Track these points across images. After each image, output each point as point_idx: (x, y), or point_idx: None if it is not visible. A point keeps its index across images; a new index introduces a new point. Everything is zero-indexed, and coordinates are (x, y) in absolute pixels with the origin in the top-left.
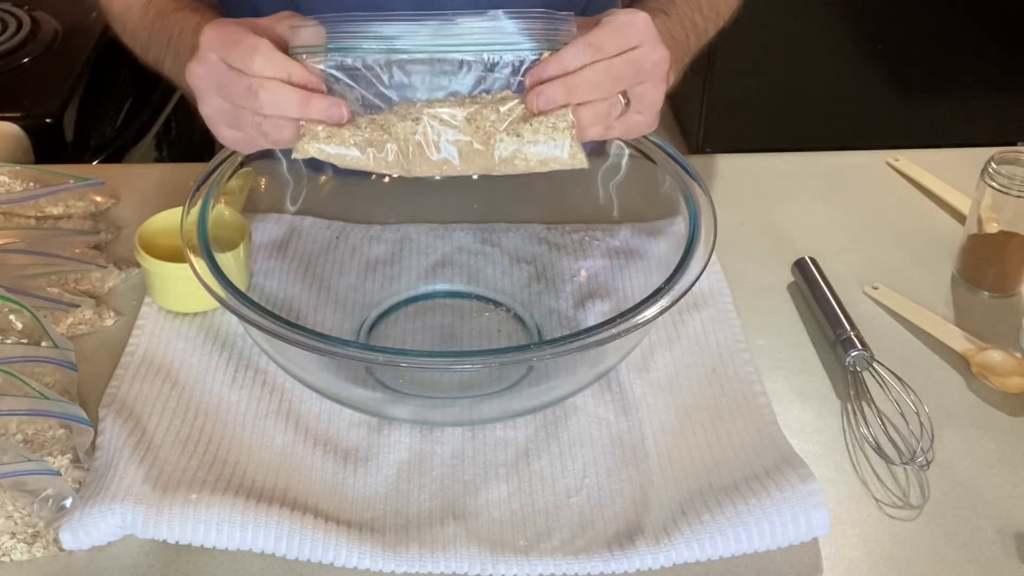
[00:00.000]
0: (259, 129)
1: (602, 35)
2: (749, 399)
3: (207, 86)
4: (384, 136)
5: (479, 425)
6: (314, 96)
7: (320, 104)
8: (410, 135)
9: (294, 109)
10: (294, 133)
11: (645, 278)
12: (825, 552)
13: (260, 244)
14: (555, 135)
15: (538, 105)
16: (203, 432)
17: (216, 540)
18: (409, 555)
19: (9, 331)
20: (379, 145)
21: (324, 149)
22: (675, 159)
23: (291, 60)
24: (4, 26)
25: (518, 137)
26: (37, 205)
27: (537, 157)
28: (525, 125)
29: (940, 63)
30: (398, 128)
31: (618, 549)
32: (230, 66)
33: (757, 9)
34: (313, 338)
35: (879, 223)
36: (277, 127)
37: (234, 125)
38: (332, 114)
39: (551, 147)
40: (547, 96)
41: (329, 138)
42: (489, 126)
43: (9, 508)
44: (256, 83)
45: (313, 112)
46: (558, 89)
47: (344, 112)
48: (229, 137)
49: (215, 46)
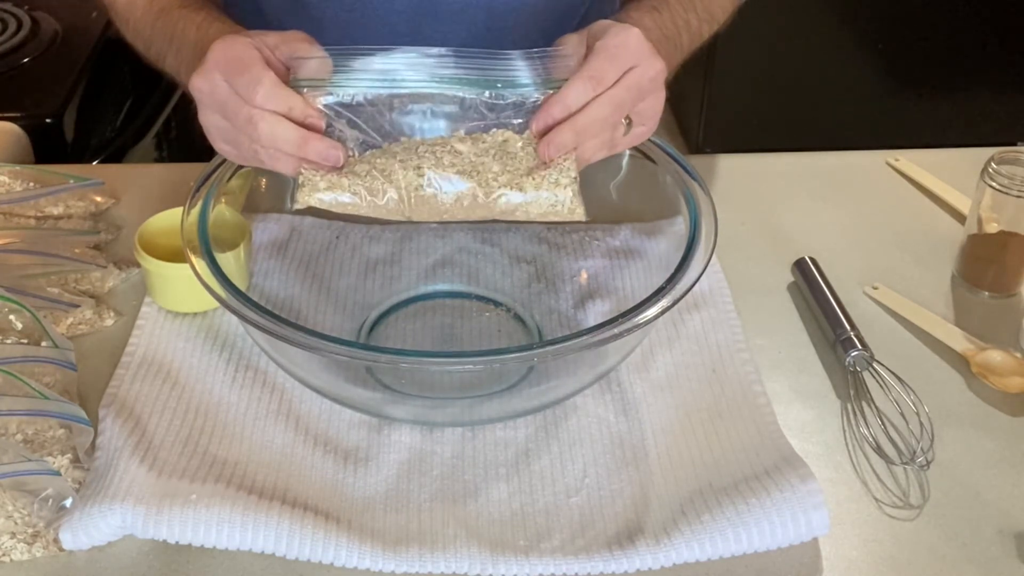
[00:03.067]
0: (255, 156)
1: (599, 65)
2: (749, 399)
3: (208, 101)
4: (385, 185)
5: (479, 425)
6: (312, 137)
7: (318, 146)
8: (411, 185)
9: (291, 147)
10: (290, 167)
11: (645, 278)
12: (825, 552)
13: (260, 244)
14: (557, 191)
15: (549, 154)
16: (203, 432)
17: (216, 540)
18: (409, 555)
19: (9, 331)
20: (379, 194)
21: (324, 199)
22: (675, 159)
23: (293, 94)
24: (4, 26)
25: (521, 192)
26: (37, 205)
27: (538, 211)
28: (528, 180)
29: (940, 63)
30: (399, 176)
31: (618, 549)
32: (234, 91)
33: (757, 9)
34: (313, 338)
35: (879, 223)
36: (273, 158)
37: (231, 143)
38: (329, 156)
39: (552, 204)
40: (557, 144)
41: (329, 189)
42: (492, 179)
43: (9, 508)
44: (257, 115)
45: (310, 153)
46: (566, 135)
47: (340, 156)
48: (225, 151)
49: (221, 66)
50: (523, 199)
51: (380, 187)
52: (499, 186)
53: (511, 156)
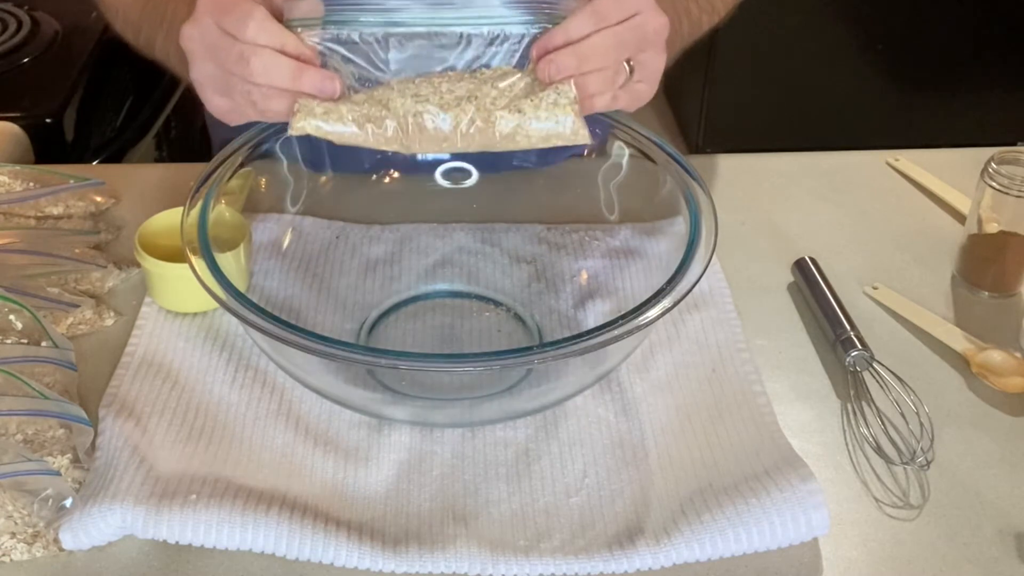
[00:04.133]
0: (248, 98)
1: (604, 4)
2: (749, 399)
3: (199, 49)
4: (383, 112)
5: (479, 426)
6: (307, 68)
7: (313, 77)
8: (409, 111)
9: (286, 80)
10: (284, 105)
11: (645, 278)
12: (825, 552)
13: (260, 244)
14: (557, 111)
15: (549, 74)
16: (203, 432)
17: (216, 540)
18: (409, 555)
19: (9, 331)
20: (377, 121)
21: (321, 126)
22: (675, 159)
23: (286, 31)
24: (4, 26)
25: (520, 113)
26: (37, 205)
27: (539, 134)
28: (526, 101)
29: (940, 63)
30: (397, 104)
31: (618, 549)
32: (224, 31)
33: (757, 9)
34: (313, 340)
35: (879, 223)
36: (267, 97)
37: (224, 92)
38: (324, 88)
39: (553, 124)
40: (558, 64)
41: (326, 114)
42: (490, 103)
43: (9, 508)
44: (248, 50)
45: (305, 84)
46: (568, 57)
47: (337, 86)
48: (217, 105)
49: (211, 9)
50: (521, 120)
51: (378, 114)
52: (496, 109)
53: (511, 86)
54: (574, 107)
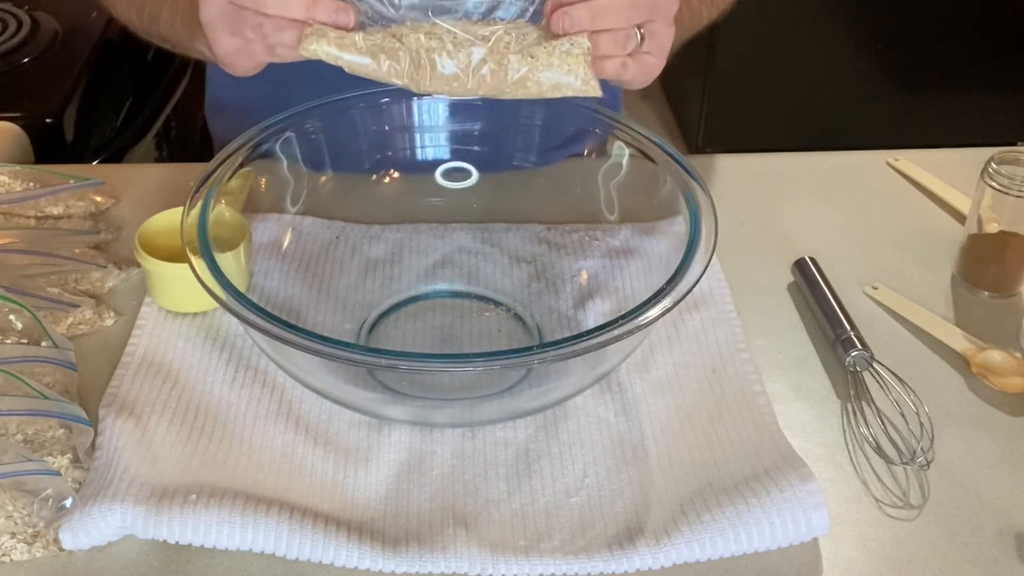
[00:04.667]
0: (259, 31)
1: None
2: (749, 399)
3: None
4: (397, 45)
5: (479, 426)
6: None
7: (326, 5)
8: (423, 47)
9: (298, 9)
10: (295, 38)
11: (645, 278)
12: (825, 552)
13: (260, 244)
14: (569, 60)
15: (563, 26)
16: (203, 432)
17: (216, 540)
18: (409, 555)
19: (9, 331)
20: (391, 52)
21: (332, 52)
22: (675, 159)
23: None
24: (4, 26)
25: (532, 59)
26: (37, 205)
27: (550, 82)
28: (539, 48)
29: (940, 63)
30: (411, 39)
31: (618, 549)
32: None
33: (757, 9)
34: (313, 340)
35: (879, 223)
36: (279, 28)
37: (234, 31)
38: (339, 18)
39: (565, 73)
40: (572, 17)
41: (339, 39)
42: (503, 47)
43: (9, 508)
44: None
45: (318, 13)
46: (583, 11)
47: (351, 17)
48: (226, 45)
49: None
50: (533, 66)
51: (392, 47)
52: (509, 52)
53: (524, 34)
54: (586, 58)
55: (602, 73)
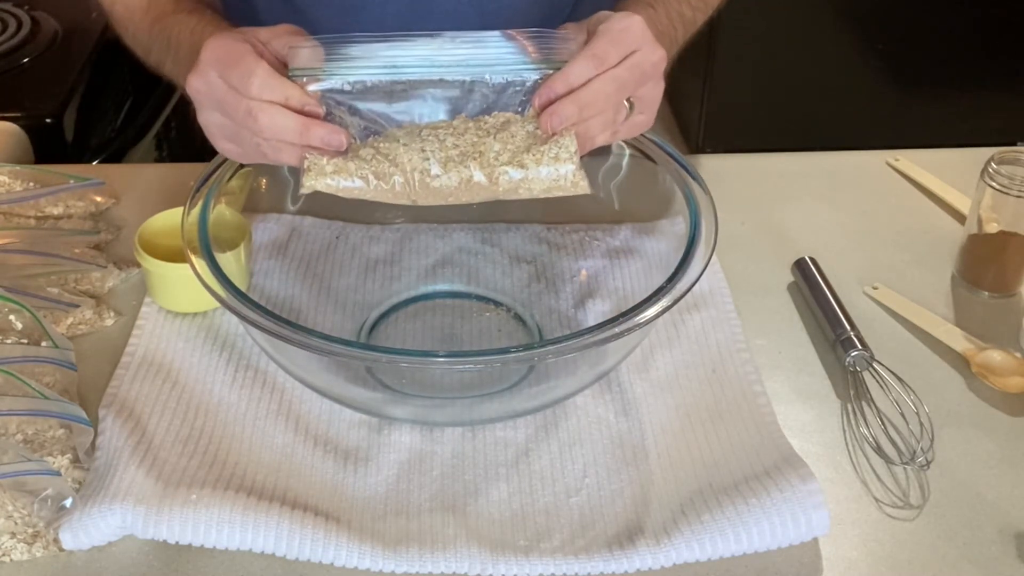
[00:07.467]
0: (258, 149)
1: (602, 46)
2: (749, 399)
3: (206, 100)
4: (391, 168)
5: (479, 425)
6: (313, 123)
7: (319, 131)
8: (416, 168)
9: (293, 135)
10: (294, 156)
11: (645, 278)
12: (825, 552)
13: (260, 244)
14: (558, 165)
15: (552, 125)
16: (203, 432)
17: (216, 540)
18: (409, 555)
19: (9, 331)
20: (385, 177)
21: (331, 184)
22: (675, 159)
23: (289, 83)
24: (4, 26)
25: (522, 169)
26: (37, 205)
27: (541, 186)
28: (529, 156)
29: (940, 63)
30: (404, 160)
31: (618, 549)
32: (229, 85)
33: (757, 9)
34: (313, 338)
35: (879, 223)
36: (276, 149)
37: (233, 140)
38: (331, 141)
39: (554, 179)
40: (560, 115)
41: (335, 172)
42: (493, 158)
43: (9, 508)
44: (256, 106)
45: (312, 139)
46: (569, 107)
47: (343, 139)
48: (227, 148)
49: (214, 64)
50: (524, 175)
51: (386, 171)
52: (500, 164)
53: (512, 136)
54: (574, 159)
55: (593, 146)
